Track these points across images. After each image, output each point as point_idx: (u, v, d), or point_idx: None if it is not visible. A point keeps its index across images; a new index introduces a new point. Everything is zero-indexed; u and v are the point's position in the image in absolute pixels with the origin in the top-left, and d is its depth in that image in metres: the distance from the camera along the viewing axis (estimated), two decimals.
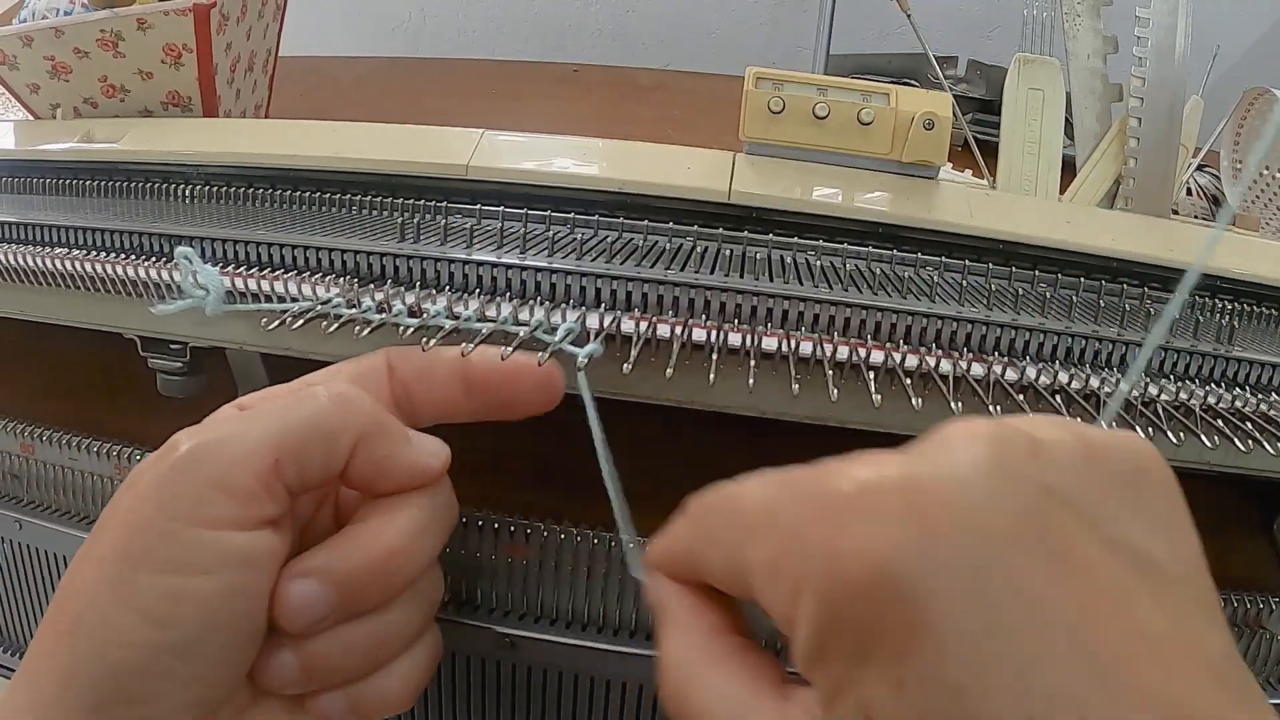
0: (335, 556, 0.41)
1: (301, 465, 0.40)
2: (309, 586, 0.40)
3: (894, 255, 0.60)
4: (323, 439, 0.41)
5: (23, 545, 0.69)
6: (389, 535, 0.42)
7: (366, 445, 0.42)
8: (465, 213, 0.63)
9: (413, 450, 0.44)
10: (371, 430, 0.43)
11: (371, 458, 0.42)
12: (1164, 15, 0.63)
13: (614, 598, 0.56)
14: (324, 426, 0.41)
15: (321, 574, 0.40)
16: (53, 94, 0.77)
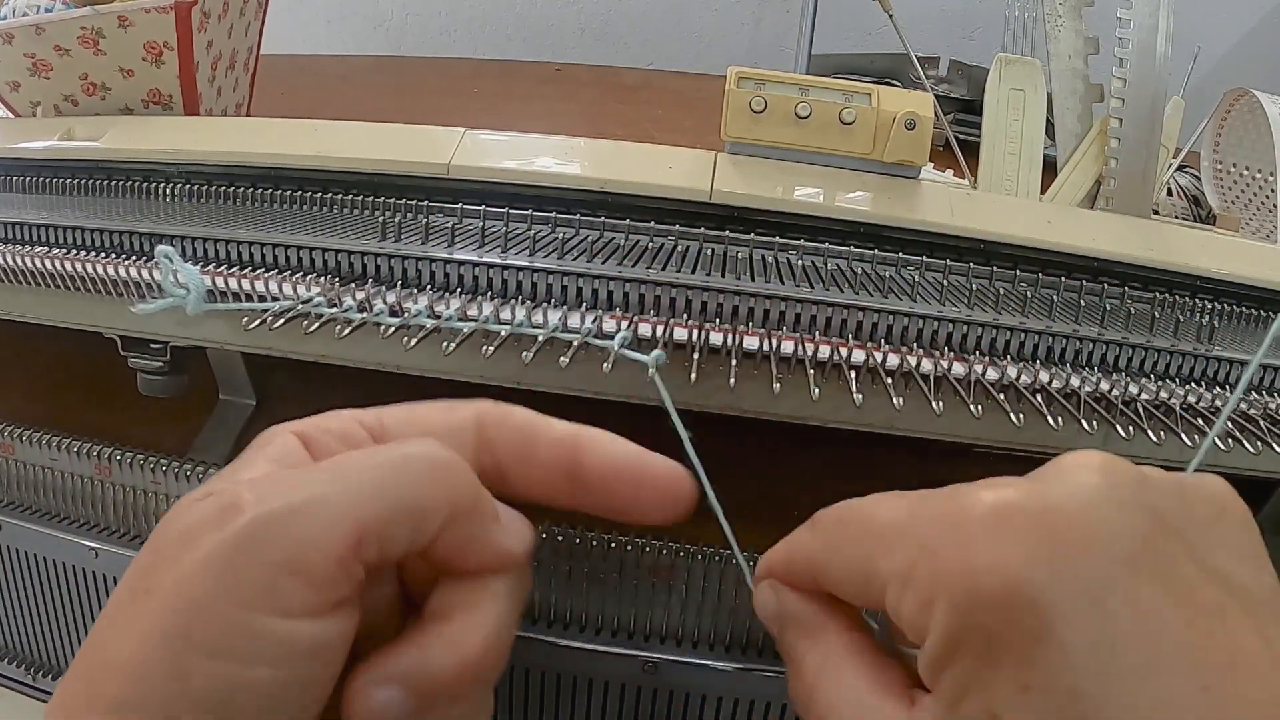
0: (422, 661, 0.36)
1: (385, 542, 0.35)
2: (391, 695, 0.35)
3: (875, 255, 0.60)
4: (414, 516, 0.36)
5: (2, 546, 0.69)
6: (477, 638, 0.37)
7: (457, 523, 0.37)
8: (447, 212, 0.62)
9: (500, 533, 0.38)
10: (465, 509, 0.37)
11: (460, 537, 0.37)
12: (1145, 16, 0.63)
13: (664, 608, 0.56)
14: (418, 502, 0.36)
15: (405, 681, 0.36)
16: (33, 92, 0.76)
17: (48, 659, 0.71)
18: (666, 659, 0.53)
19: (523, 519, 0.40)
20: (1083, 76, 0.70)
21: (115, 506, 0.66)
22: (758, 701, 0.56)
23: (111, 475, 0.65)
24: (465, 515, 0.37)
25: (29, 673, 0.71)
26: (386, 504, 0.35)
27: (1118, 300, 0.59)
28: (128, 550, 0.64)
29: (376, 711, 0.35)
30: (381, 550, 0.35)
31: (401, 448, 0.37)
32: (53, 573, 0.67)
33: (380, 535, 0.35)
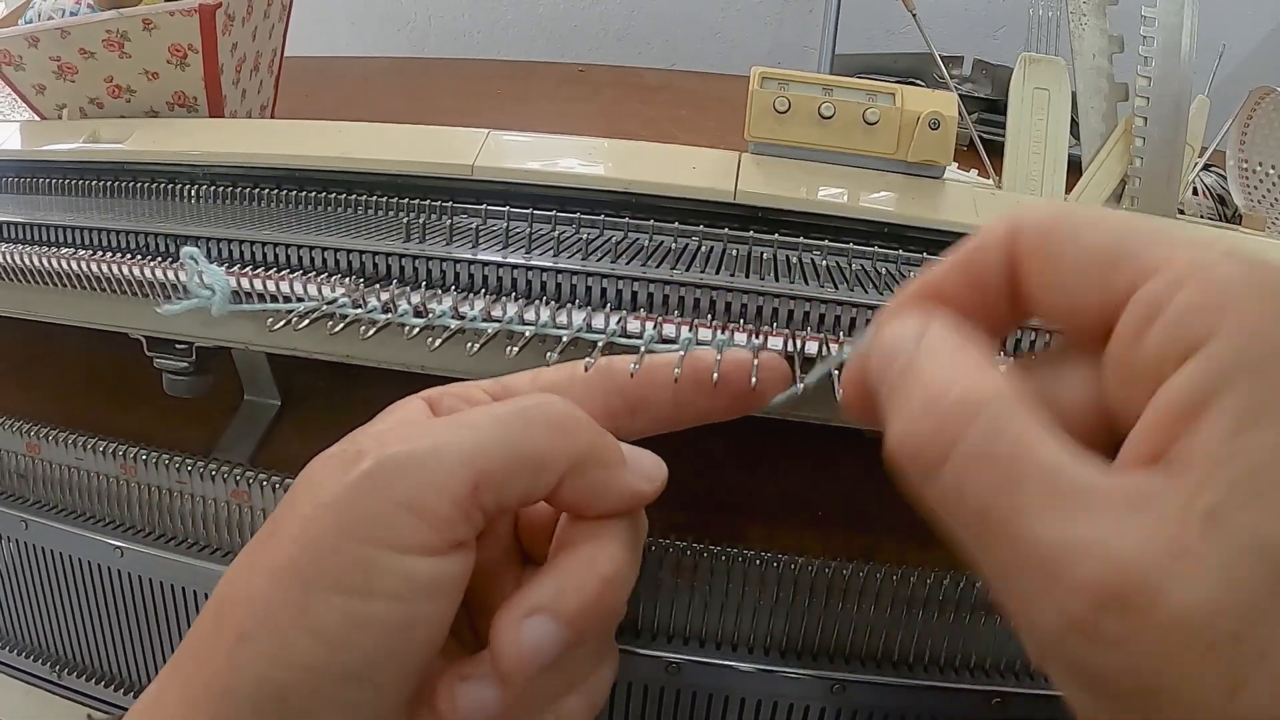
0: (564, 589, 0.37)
1: (503, 490, 0.36)
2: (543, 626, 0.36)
3: (900, 255, 0.60)
4: (531, 465, 0.36)
5: (28, 545, 0.69)
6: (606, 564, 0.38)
7: (580, 472, 0.38)
8: (471, 213, 0.63)
9: (628, 475, 0.39)
10: (586, 457, 0.38)
11: (584, 485, 0.38)
12: (1169, 14, 0.63)
13: None
14: (534, 452, 0.37)
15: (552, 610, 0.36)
16: (59, 94, 0.77)
17: (73, 657, 0.71)
18: (689, 660, 0.53)
19: (653, 457, 0.41)
20: (1107, 75, 0.70)
21: (140, 506, 0.66)
22: (780, 703, 0.56)
23: (136, 475, 0.65)
24: (589, 464, 0.38)
25: (54, 670, 0.71)
26: (504, 453, 0.36)
27: None
28: (152, 549, 0.65)
29: (532, 643, 0.36)
30: (499, 498, 0.36)
31: (520, 401, 0.38)
32: (78, 571, 0.68)
33: (498, 483, 0.36)
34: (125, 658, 0.69)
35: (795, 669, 0.55)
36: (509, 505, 0.37)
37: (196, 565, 0.64)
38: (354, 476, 0.35)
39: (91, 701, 0.71)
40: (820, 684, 0.55)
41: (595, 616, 0.37)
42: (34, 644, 0.73)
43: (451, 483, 0.35)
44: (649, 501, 0.40)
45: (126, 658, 0.69)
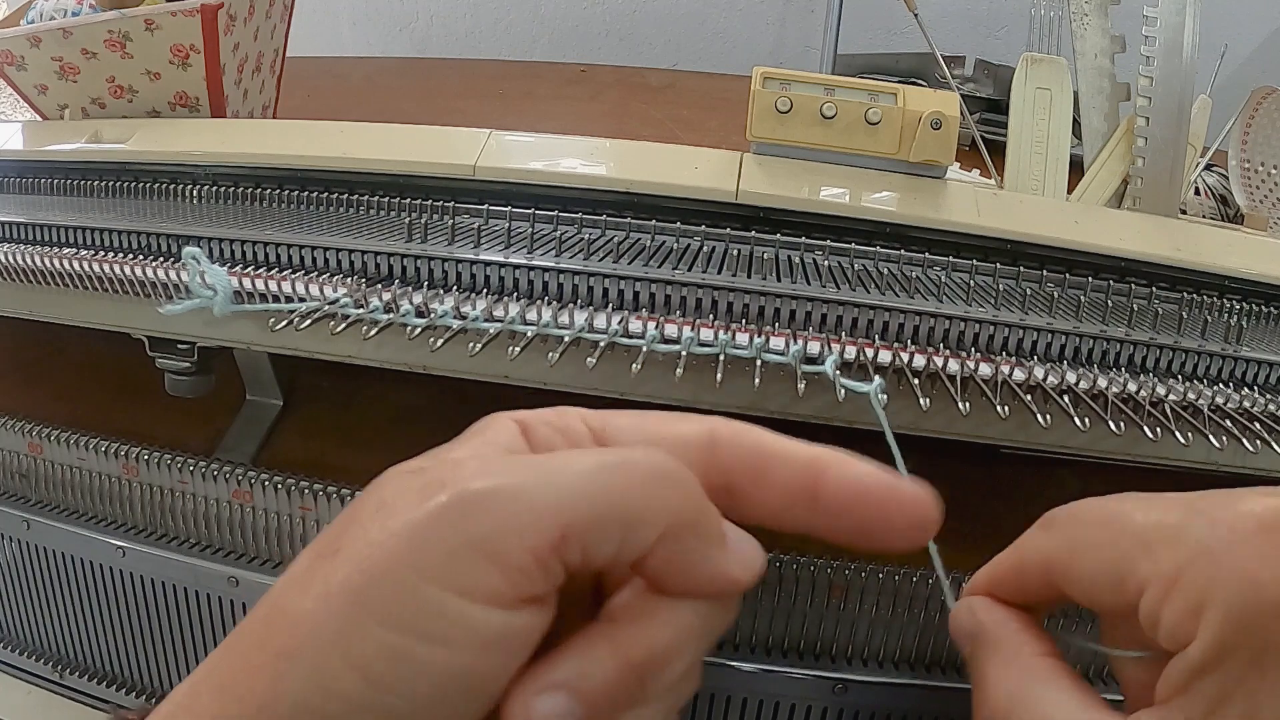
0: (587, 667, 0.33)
1: (590, 547, 0.32)
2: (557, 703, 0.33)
3: (901, 255, 0.60)
4: (625, 524, 0.33)
5: (30, 545, 0.69)
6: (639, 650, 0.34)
7: (674, 540, 0.33)
8: (473, 213, 0.63)
9: (725, 557, 0.35)
10: (686, 525, 0.34)
11: (674, 555, 0.34)
12: (1172, 14, 0.63)
13: None
14: (631, 510, 0.33)
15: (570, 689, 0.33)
16: (61, 95, 0.77)
17: (76, 657, 0.72)
18: None
19: (754, 543, 0.36)
20: (1109, 75, 0.70)
21: (142, 506, 0.66)
22: (781, 703, 0.56)
23: (139, 475, 0.66)
24: (685, 532, 0.34)
25: (56, 670, 0.71)
26: (598, 506, 0.32)
27: (1145, 300, 0.59)
28: (155, 549, 0.65)
29: None
30: (586, 554, 0.33)
31: (623, 452, 0.35)
32: (80, 571, 0.68)
33: (586, 538, 0.32)
34: (127, 657, 0.69)
35: (795, 669, 0.55)
36: (596, 563, 0.33)
37: (198, 565, 0.64)
38: (430, 507, 0.32)
39: (92, 701, 0.71)
40: (821, 684, 0.55)
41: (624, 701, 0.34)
42: (36, 644, 0.73)
43: (534, 531, 0.32)
44: (739, 592, 0.36)
45: (129, 657, 0.69)
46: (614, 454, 0.35)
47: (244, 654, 0.33)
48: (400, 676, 0.31)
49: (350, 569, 0.32)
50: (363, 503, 0.34)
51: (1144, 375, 0.56)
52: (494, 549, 0.31)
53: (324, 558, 0.33)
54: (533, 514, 0.32)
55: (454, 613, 0.31)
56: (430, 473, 0.33)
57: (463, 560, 0.31)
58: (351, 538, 0.33)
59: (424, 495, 0.32)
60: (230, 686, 0.33)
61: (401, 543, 0.32)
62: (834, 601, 0.56)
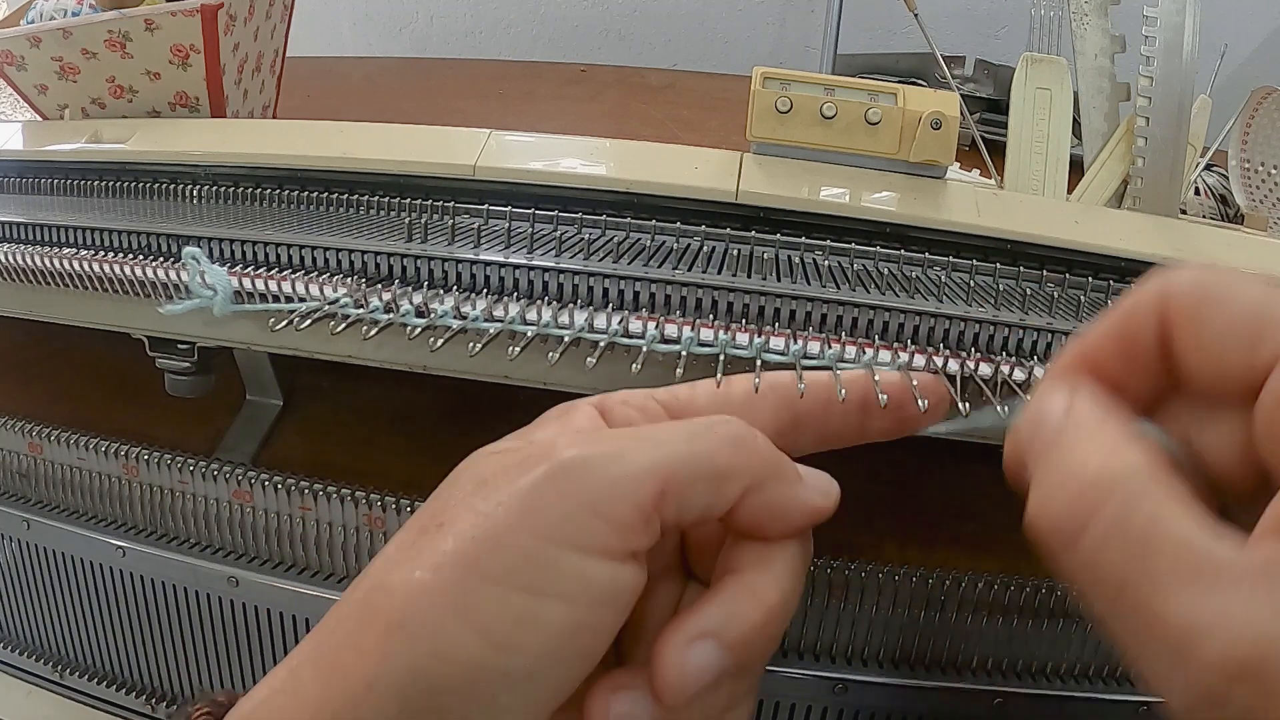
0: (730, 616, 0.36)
1: (684, 503, 0.35)
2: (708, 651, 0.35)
3: (901, 255, 0.60)
4: (712, 480, 0.36)
5: (30, 545, 0.69)
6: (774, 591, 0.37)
7: (758, 491, 0.37)
8: (473, 213, 0.63)
9: (806, 491, 0.38)
10: (766, 475, 0.37)
11: (763, 503, 0.37)
12: (1172, 14, 0.63)
13: None
14: (716, 467, 0.36)
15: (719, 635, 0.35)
16: (61, 95, 0.77)
17: (76, 657, 0.72)
18: None
19: (824, 474, 0.40)
20: (1109, 75, 0.70)
21: (142, 506, 0.66)
22: (781, 703, 0.56)
23: (139, 474, 0.66)
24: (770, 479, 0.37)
25: (57, 670, 0.71)
26: (689, 465, 0.35)
27: None
28: (155, 549, 0.65)
29: (690, 670, 0.35)
30: (681, 509, 0.35)
31: (705, 419, 0.38)
32: (81, 571, 0.68)
33: (681, 494, 0.35)
34: (127, 657, 0.69)
35: (795, 669, 0.55)
36: (689, 519, 0.36)
37: (199, 565, 0.64)
38: (538, 474, 0.34)
39: (92, 701, 0.71)
40: (821, 684, 0.55)
41: (759, 645, 0.36)
42: (36, 644, 0.73)
43: (638, 489, 0.34)
44: (825, 518, 0.39)
45: (129, 657, 0.69)
46: (698, 422, 0.37)
47: (346, 633, 0.34)
48: (520, 635, 0.32)
49: (460, 538, 0.34)
50: (457, 482, 0.36)
51: None
52: (604, 506, 0.34)
53: (426, 533, 0.35)
54: (635, 472, 0.34)
55: (572, 568, 0.33)
56: (524, 450, 0.36)
57: (577, 518, 0.33)
58: (455, 512, 0.35)
59: (525, 467, 0.34)
60: (334, 666, 0.33)
61: (514, 509, 0.34)
62: (834, 601, 0.56)
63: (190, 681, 0.69)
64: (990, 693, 0.57)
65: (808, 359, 0.53)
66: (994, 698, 0.57)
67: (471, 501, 0.35)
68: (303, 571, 0.64)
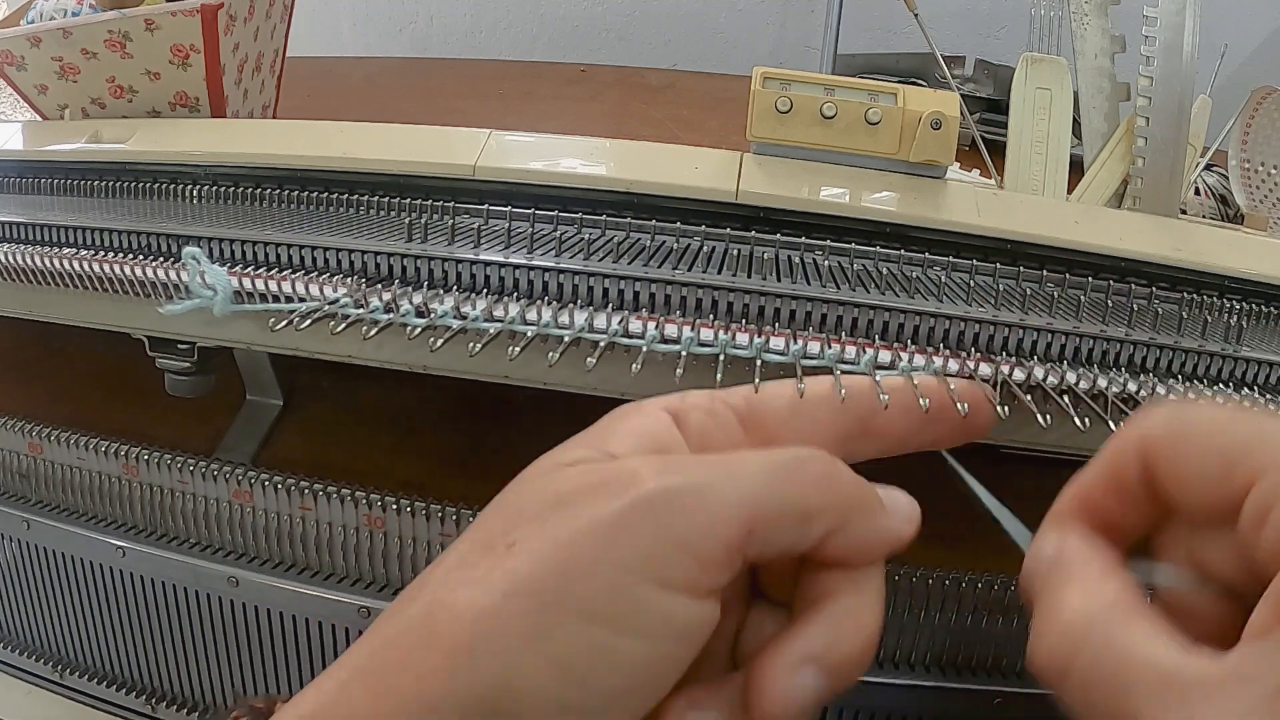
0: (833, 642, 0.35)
1: (768, 540, 0.34)
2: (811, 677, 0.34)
3: (901, 255, 0.60)
4: (800, 518, 0.35)
5: (30, 545, 0.69)
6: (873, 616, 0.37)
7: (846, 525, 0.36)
8: (473, 213, 0.63)
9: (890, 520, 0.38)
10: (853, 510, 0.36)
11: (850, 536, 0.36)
12: (1172, 14, 0.63)
13: None
14: (805, 505, 0.35)
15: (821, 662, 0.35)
16: (61, 95, 0.77)
17: (76, 657, 0.72)
18: None
19: (905, 496, 0.39)
20: (1109, 75, 0.70)
21: (142, 505, 0.66)
22: None
23: (139, 474, 0.66)
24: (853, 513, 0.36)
25: (57, 670, 0.71)
26: (778, 505, 0.34)
27: (1145, 300, 0.59)
28: (155, 549, 0.65)
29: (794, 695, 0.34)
30: (764, 547, 0.34)
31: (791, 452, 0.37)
32: (80, 571, 0.68)
33: (766, 533, 0.34)
34: (127, 657, 0.69)
35: None
36: (770, 554, 0.35)
37: (199, 565, 0.64)
38: (625, 503, 0.33)
39: (92, 701, 0.71)
40: None
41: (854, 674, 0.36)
42: (36, 644, 0.73)
43: (726, 525, 0.33)
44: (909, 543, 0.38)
45: (129, 657, 0.69)
46: (784, 455, 0.36)
47: (404, 651, 0.33)
48: (597, 670, 0.31)
49: (537, 564, 0.32)
50: (527, 495, 0.35)
51: (1144, 375, 0.56)
52: (690, 541, 0.32)
53: (493, 551, 0.33)
54: (722, 509, 0.33)
55: (654, 604, 0.32)
56: (603, 469, 0.35)
57: (662, 553, 0.32)
58: (528, 532, 0.33)
59: (609, 492, 0.33)
60: (389, 686, 0.32)
61: (597, 538, 0.32)
62: None
63: (190, 681, 0.69)
64: (990, 693, 0.57)
65: (808, 359, 0.53)
66: (994, 698, 0.57)
67: (548, 522, 0.33)
68: (303, 571, 0.64)
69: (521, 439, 0.74)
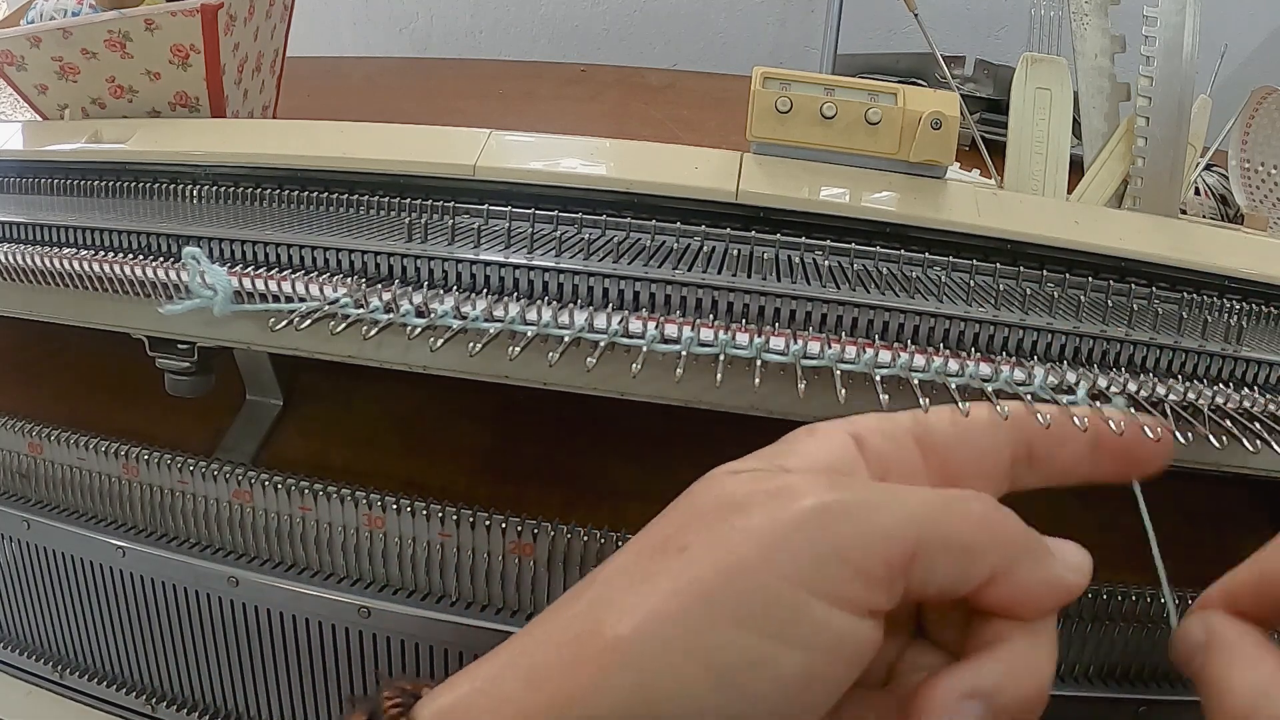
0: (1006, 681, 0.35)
1: (930, 572, 0.34)
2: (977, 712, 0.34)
3: (901, 255, 0.60)
4: (962, 552, 0.35)
5: (30, 545, 0.69)
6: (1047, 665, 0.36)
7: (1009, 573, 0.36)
8: (473, 213, 0.63)
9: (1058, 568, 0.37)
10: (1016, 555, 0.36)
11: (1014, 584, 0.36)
12: (1172, 14, 0.63)
13: None
14: (968, 541, 0.35)
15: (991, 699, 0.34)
16: (61, 95, 0.77)
17: (76, 657, 0.72)
18: None
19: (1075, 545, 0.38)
20: (1109, 75, 0.70)
21: (142, 506, 0.66)
22: None
23: (139, 475, 0.66)
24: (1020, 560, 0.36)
25: (57, 670, 0.71)
26: (942, 535, 0.34)
27: (1145, 300, 0.59)
28: (155, 549, 0.65)
29: None
30: (925, 578, 0.34)
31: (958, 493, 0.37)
32: (81, 571, 0.68)
33: (929, 562, 0.34)
34: (127, 657, 0.69)
35: None
36: (931, 590, 0.35)
37: (198, 565, 0.64)
38: (793, 513, 0.33)
39: (92, 701, 0.71)
40: None
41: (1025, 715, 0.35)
42: (36, 644, 0.73)
43: (888, 543, 0.33)
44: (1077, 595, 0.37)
45: (129, 657, 0.69)
46: (951, 493, 0.36)
47: (563, 644, 0.33)
48: (752, 680, 0.32)
49: (704, 568, 0.32)
50: (701, 501, 0.36)
51: (1144, 375, 0.56)
52: (856, 557, 0.33)
53: (664, 553, 0.34)
54: (891, 527, 0.33)
55: (816, 617, 0.32)
56: (776, 480, 0.35)
57: (828, 566, 0.32)
58: (699, 536, 0.34)
59: (780, 501, 0.33)
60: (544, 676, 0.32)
61: (764, 546, 0.32)
62: None
63: (190, 681, 0.69)
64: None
65: (808, 359, 0.53)
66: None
67: (718, 527, 0.34)
68: (303, 571, 0.64)
69: (522, 438, 0.74)
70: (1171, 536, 0.44)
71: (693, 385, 0.56)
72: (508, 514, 0.60)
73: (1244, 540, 0.68)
